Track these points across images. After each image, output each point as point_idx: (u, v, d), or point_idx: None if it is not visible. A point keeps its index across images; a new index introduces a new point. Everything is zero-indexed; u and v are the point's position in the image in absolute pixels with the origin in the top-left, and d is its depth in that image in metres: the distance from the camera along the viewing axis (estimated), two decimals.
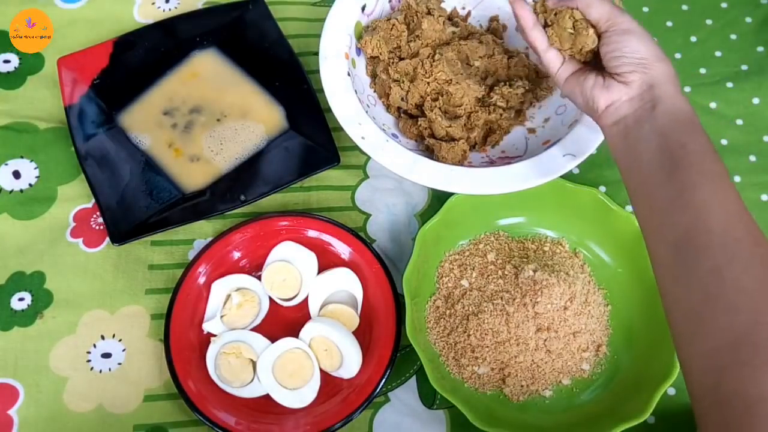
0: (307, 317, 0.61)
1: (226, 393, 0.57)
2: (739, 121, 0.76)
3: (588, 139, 0.62)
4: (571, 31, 0.53)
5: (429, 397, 0.60)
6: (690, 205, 0.44)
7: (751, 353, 0.38)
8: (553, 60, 0.56)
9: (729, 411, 0.38)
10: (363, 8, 0.69)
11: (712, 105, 0.77)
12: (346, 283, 0.62)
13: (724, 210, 0.44)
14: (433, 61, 0.67)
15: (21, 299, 0.61)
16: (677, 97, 0.50)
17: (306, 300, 0.62)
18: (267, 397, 0.57)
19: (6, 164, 0.67)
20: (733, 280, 0.41)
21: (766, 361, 0.37)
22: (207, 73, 0.74)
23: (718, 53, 0.81)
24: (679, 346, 0.43)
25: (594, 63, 0.55)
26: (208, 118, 0.71)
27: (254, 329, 0.61)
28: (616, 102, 0.51)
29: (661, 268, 0.46)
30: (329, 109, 0.63)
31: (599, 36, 0.53)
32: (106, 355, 0.60)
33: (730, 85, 0.78)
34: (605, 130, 0.53)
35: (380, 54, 0.68)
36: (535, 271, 0.61)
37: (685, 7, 0.84)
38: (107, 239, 0.64)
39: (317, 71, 0.64)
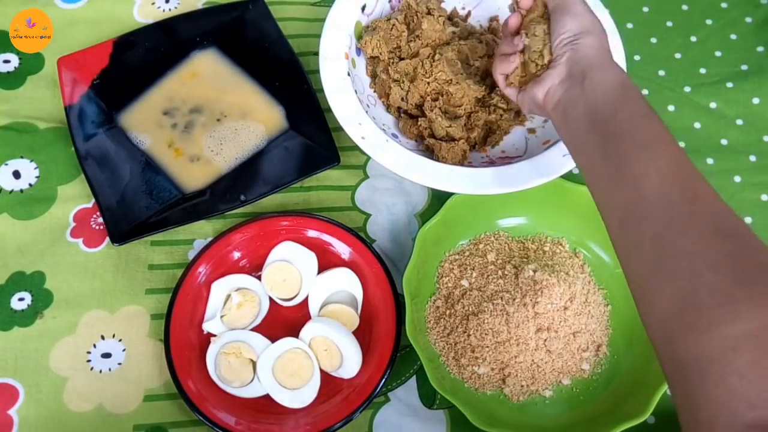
0: (307, 317, 0.61)
1: (226, 393, 0.57)
2: (739, 121, 0.76)
3: None
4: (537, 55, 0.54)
5: (429, 397, 0.60)
6: (627, 178, 0.44)
7: (695, 316, 0.38)
8: (511, 92, 0.59)
9: (687, 378, 0.38)
10: (363, 8, 0.69)
11: (712, 105, 0.77)
12: (346, 283, 0.62)
13: (658, 175, 0.43)
14: (433, 61, 0.67)
15: (21, 299, 0.61)
16: (605, 66, 0.49)
17: (306, 300, 0.62)
18: (267, 397, 0.57)
19: (6, 164, 0.67)
20: (672, 245, 0.40)
21: (711, 321, 0.37)
22: (207, 73, 0.74)
23: (718, 53, 0.81)
24: (640, 315, 0.43)
25: None
26: (208, 118, 0.71)
27: (254, 329, 0.61)
28: (551, 88, 0.52)
29: (616, 245, 0.46)
30: (329, 109, 0.63)
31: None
32: (106, 355, 0.60)
33: (730, 85, 0.78)
34: (551, 119, 0.53)
35: (380, 54, 0.68)
36: (535, 271, 0.61)
37: (685, 7, 0.84)
38: (107, 239, 0.64)
39: (317, 71, 0.64)
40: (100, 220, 0.65)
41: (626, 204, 0.44)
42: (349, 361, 0.58)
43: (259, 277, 0.62)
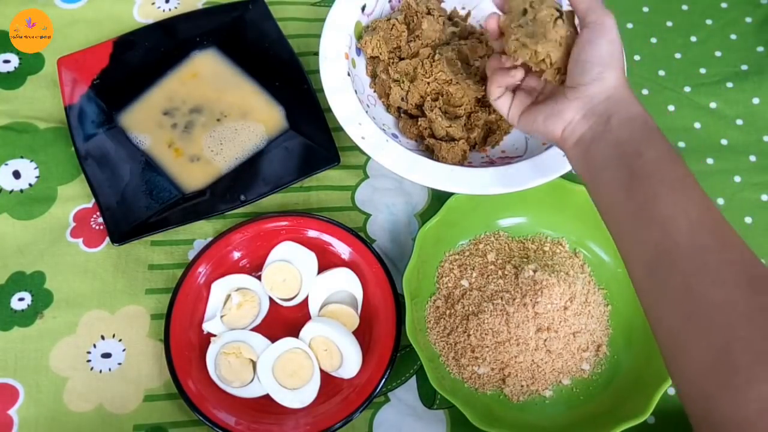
0: (307, 317, 0.61)
1: (226, 393, 0.57)
2: (739, 121, 0.76)
3: None
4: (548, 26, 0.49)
5: (429, 397, 0.60)
6: (654, 220, 0.43)
7: (732, 374, 0.36)
8: (502, 106, 0.56)
9: None
10: (363, 8, 0.69)
11: (712, 105, 0.77)
12: (346, 283, 0.62)
13: (687, 218, 0.42)
14: (433, 61, 0.67)
15: (21, 299, 0.61)
16: (631, 104, 0.48)
17: (306, 300, 0.62)
18: (267, 397, 0.57)
19: (6, 164, 0.67)
20: (703, 295, 0.39)
21: (747, 380, 0.36)
22: (207, 73, 0.74)
23: (718, 53, 0.81)
24: (668, 365, 0.42)
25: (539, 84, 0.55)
26: (208, 118, 0.71)
27: (254, 329, 0.61)
28: (570, 123, 0.50)
29: (640, 289, 0.44)
30: (329, 109, 0.63)
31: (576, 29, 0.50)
32: (106, 355, 0.60)
33: (730, 85, 0.78)
34: (568, 154, 0.51)
35: (380, 54, 0.68)
36: (535, 271, 0.61)
37: (685, 7, 0.84)
38: (107, 239, 0.64)
39: (317, 71, 0.64)
40: (100, 220, 0.65)
41: (654, 248, 0.42)
42: (349, 361, 0.58)
43: (259, 277, 0.62)
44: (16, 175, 0.67)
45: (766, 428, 0.34)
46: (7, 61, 0.74)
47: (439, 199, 0.68)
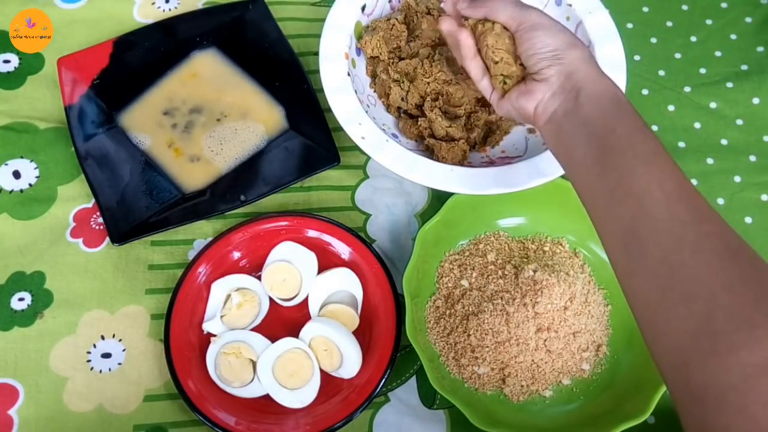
0: (307, 317, 0.61)
1: (226, 393, 0.57)
2: (739, 121, 0.76)
3: None
4: (496, 60, 0.53)
5: (429, 397, 0.60)
6: (629, 194, 0.43)
7: (713, 341, 0.36)
8: (486, 87, 0.56)
9: (703, 404, 0.36)
10: (363, 8, 0.69)
11: (712, 105, 0.77)
12: (346, 283, 0.62)
13: (663, 192, 0.42)
14: (433, 61, 0.67)
15: (21, 299, 0.61)
16: (598, 79, 0.49)
17: (306, 300, 0.62)
18: (267, 397, 0.57)
19: (6, 164, 0.67)
20: (683, 267, 0.39)
21: (729, 347, 0.36)
22: (207, 73, 0.74)
23: (718, 53, 0.81)
24: (647, 343, 0.42)
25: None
26: (208, 118, 0.71)
27: (254, 329, 0.61)
28: (542, 101, 0.51)
29: (616, 264, 0.44)
30: (329, 109, 0.63)
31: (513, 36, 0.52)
32: (106, 355, 0.60)
33: (730, 85, 0.78)
34: (542, 132, 0.52)
35: (380, 54, 0.68)
36: (535, 271, 0.61)
37: (685, 7, 0.84)
38: (107, 239, 0.64)
39: (317, 71, 0.64)
40: (100, 220, 0.65)
41: (630, 222, 0.42)
42: (349, 361, 0.58)
43: (259, 277, 0.62)
44: (16, 175, 0.67)
45: (751, 392, 0.34)
46: (7, 61, 0.74)
47: (439, 199, 0.68)
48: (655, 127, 0.76)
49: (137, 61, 0.72)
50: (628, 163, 0.44)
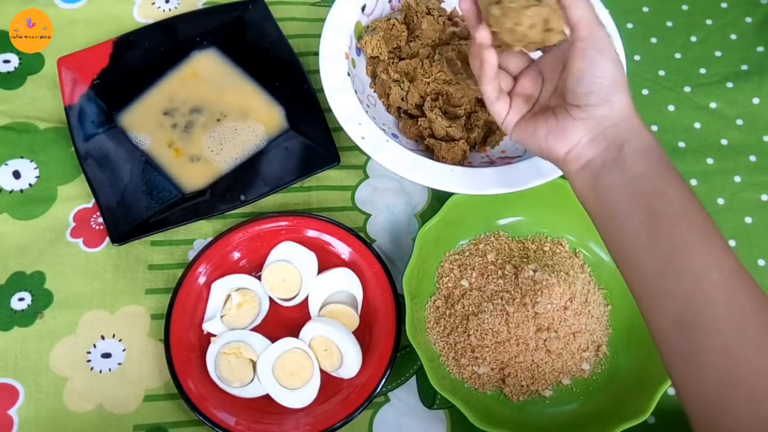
0: (307, 317, 0.61)
1: (226, 393, 0.57)
2: (739, 121, 0.76)
3: None
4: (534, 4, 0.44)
5: (429, 397, 0.60)
6: (685, 271, 0.40)
7: None
8: (500, 110, 0.51)
9: None
10: (363, 8, 0.69)
11: (712, 105, 0.77)
12: (346, 283, 0.62)
13: (721, 273, 0.39)
14: (433, 61, 0.67)
15: (21, 299, 0.61)
16: (644, 133, 0.44)
17: (306, 300, 0.62)
18: (267, 397, 0.57)
19: (6, 164, 0.67)
20: (747, 363, 0.37)
21: None
22: (207, 73, 0.74)
23: (718, 53, 0.81)
24: None
25: (534, 92, 0.50)
26: (208, 118, 0.71)
27: (254, 329, 0.61)
28: (577, 145, 0.46)
29: (665, 344, 0.41)
30: (329, 109, 0.63)
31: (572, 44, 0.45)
32: (106, 355, 0.60)
33: (730, 85, 0.78)
34: (570, 177, 0.48)
35: (380, 54, 0.68)
36: (535, 271, 0.61)
37: (685, 7, 0.84)
38: (107, 239, 0.64)
39: (317, 71, 0.64)
40: (100, 220, 0.65)
41: (684, 302, 0.39)
42: (349, 361, 0.58)
43: (259, 277, 0.62)
44: (16, 175, 0.67)
45: None
46: (7, 61, 0.74)
47: (439, 199, 0.68)
48: (655, 127, 0.76)
49: (137, 61, 0.72)
50: (682, 234, 0.40)
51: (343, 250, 0.64)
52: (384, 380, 0.57)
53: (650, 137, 0.45)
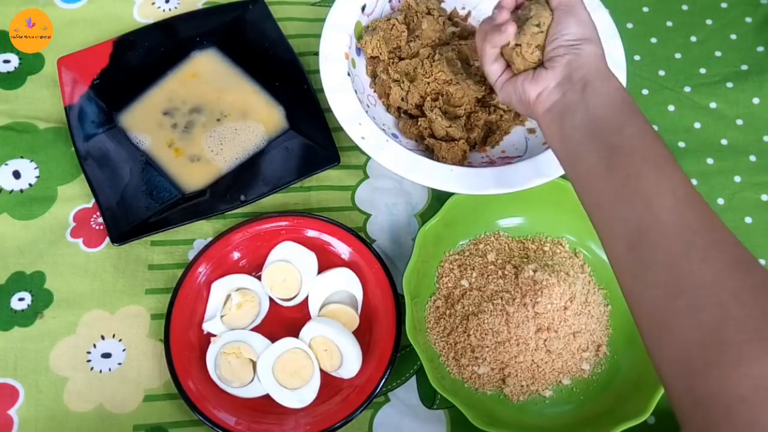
0: (307, 317, 0.61)
1: (226, 393, 0.57)
2: (739, 121, 0.76)
3: None
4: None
5: (429, 397, 0.60)
6: (637, 196, 0.42)
7: (722, 352, 0.36)
8: (495, 71, 0.56)
9: (709, 414, 0.35)
10: (363, 8, 0.69)
11: (712, 105, 0.77)
12: (346, 283, 0.62)
13: (672, 197, 0.41)
14: (433, 61, 0.67)
15: (21, 299, 0.61)
16: (607, 78, 0.48)
17: (306, 300, 0.62)
18: (267, 397, 0.57)
19: (6, 164, 0.67)
20: (692, 274, 0.38)
21: (739, 358, 0.35)
22: (207, 73, 0.74)
23: (718, 53, 0.81)
24: (649, 349, 0.41)
25: None
26: (208, 118, 0.71)
27: (254, 329, 0.61)
28: (546, 89, 0.50)
29: (619, 266, 0.43)
30: (329, 109, 0.63)
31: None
32: (106, 355, 0.60)
33: (730, 85, 0.78)
34: (539, 120, 0.52)
35: (380, 54, 0.68)
36: (535, 271, 0.61)
37: (685, 7, 0.84)
38: (107, 239, 0.64)
39: (317, 71, 0.65)
40: (100, 220, 0.65)
41: (636, 224, 0.41)
42: (349, 361, 0.58)
43: (259, 277, 0.62)
44: (16, 175, 0.67)
45: (761, 405, 0.34)
46: (7, 61, 0.74)
47: (439, 199, 0.68)
48: (655, 127, 0.75)
49: (137, 61, 0.72)
50: (636, 165, 0.43)
51: (343, 250, 0.64)
52: (384, 380, 0.57)
53: (614, 81, 0.48)
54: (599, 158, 0.45)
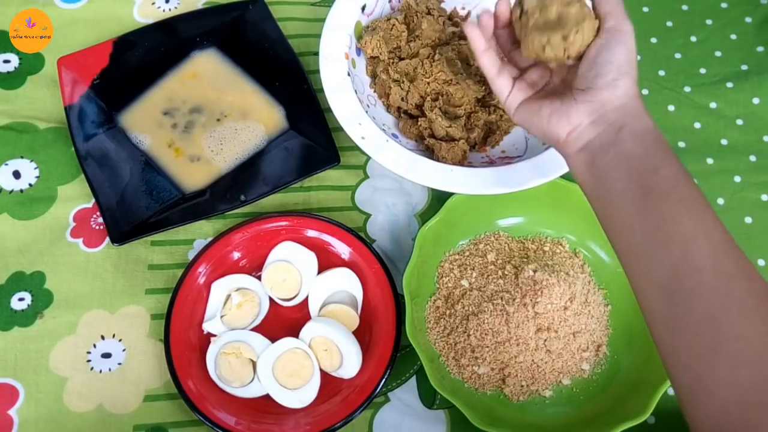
0: (307, 317, 0.61)
1: (226, 393, 0.57)
2: (739, 121, 0.76)
3: None
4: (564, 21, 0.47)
5: (429, 397, 0.60)
6: (673, 240, 0.40)
7: (762, 414, 0.35)
8: (503, 86, 0.52)
9: None
10: (363, 8, 0.69)
11: (712, 105, 0.77)
12: (346, 283, 0.62)
13: (710, 242, 0.40)
14: (433, 61, 0.67)
15: (21, 299, 0.61)
16: (643, 116, 0.46)
17: (306, 300, 0.62)
18: (267, 397, 0.57)
19: (6, 164, 0.67)
20: (730, 327, 0.37)
21: None
22: (207, 73, 0.74)
23: (718, 53, 0.81)
24: (683, 402, 0.39)
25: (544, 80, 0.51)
26: (208, 118, 0.71)
27: (254, 329, 0.61)
28: (578, 127, 0.47)
29: (652, 313, 0.42)
30: (329, 109, 0.63)
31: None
32: (106, 355, 0.60)
33: (730, 85, 0.78)
34: (569, 159, 0.48)
35: (380, 54, 0.68)
36: (535, 271, 0.61)
37: (685, 7, 0.84)
38: (107, 239, 0.64)
39: (317, 71, 0.65)
40: (100, 220, 0.65)
41: (673, 270, 0.40)
42: (349, 361, 0.58)
43: (259, 277, 0.62)
44: (16, 175, 0.67)
45: None
46: (7, 61, 0.74)
47: (439, 199, 0.68)
48: None
49: (137, 61, 0.72)
50: (672, 208, 0.41)
51: (343, 250, 0.64)
52: (384, 380, 0.57)
53: (649, 120, 0.46)
54: (633, 199, 0.43)
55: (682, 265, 0.40)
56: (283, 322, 0.62)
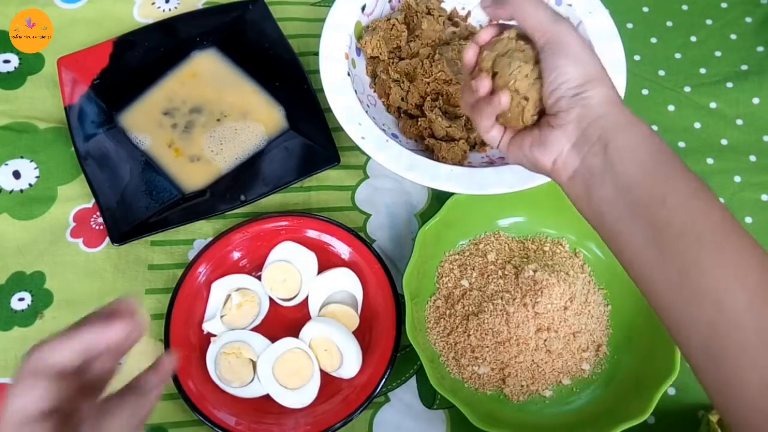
0: (307, 317, 0.61)
1: (226, 393, 0.57)
2: (739, 121, 0.76)
3: None
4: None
5: (429, 397, 0.60)
6: (702, 295, 0.36)
7: None
8: (495, 137, 0.49)
9: None
10: (363, 8, 0.69)
11: (712, 105, 0.77)
12: (346, 283, 0.62)
13: (744, 290, 0.35)
14: (433, 61, 0.67)
15: (21, 299, 0.61)
16: (628, 126, 0.41)
17: (306, 300, 0.62)
18: (267, 397, 0.57)
19: (6, 164, 0.67)
20: None
21: None
22: (207, 73, 0.74)
23: (718, 53, 0.81)
24: None
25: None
26: (208, 118, 0.71)
27: (254, 329, 0.61)
28: (560, 155, 0.43)
29: (698, 369, 0.38)
30: (329, 109, 0.63)
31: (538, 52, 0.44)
32: None
33: (730, 85, 0.78)
34: (564, 189, 0.45)
35: (380, 54, 0.68)
36: (535, 271, 0.61)
37: (685, 7, 0.84)
38: (107, 239, 0.64)
39: (317, 71, 0.65)
40: (100, 220, 0.65)
41: (710, 330, 0.36)
42: (349, 361, 0.58)
43: (259, 277, 0.62)
44: (16, 175, 0.67)
45: None
46: (7, 61, 0.74)
47: (439, 199, 0.68)
48: (655, 127, 0.75)
49: (137, 61, 0.72)
50: (691, 250, 0.37)
51: (343, 250, 0.64)
52: (384, 380, 0.57)
53: (637, 128, 0.41)
54: (645, 240, 0.39)
55: (720, 324, 0.36)
56: (283, 322, 0.62)
